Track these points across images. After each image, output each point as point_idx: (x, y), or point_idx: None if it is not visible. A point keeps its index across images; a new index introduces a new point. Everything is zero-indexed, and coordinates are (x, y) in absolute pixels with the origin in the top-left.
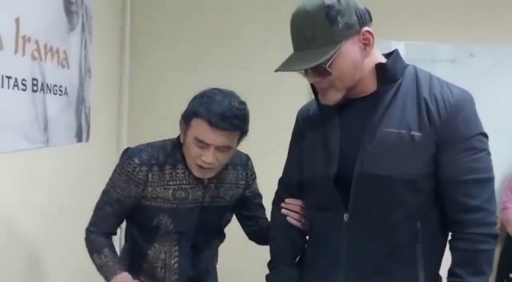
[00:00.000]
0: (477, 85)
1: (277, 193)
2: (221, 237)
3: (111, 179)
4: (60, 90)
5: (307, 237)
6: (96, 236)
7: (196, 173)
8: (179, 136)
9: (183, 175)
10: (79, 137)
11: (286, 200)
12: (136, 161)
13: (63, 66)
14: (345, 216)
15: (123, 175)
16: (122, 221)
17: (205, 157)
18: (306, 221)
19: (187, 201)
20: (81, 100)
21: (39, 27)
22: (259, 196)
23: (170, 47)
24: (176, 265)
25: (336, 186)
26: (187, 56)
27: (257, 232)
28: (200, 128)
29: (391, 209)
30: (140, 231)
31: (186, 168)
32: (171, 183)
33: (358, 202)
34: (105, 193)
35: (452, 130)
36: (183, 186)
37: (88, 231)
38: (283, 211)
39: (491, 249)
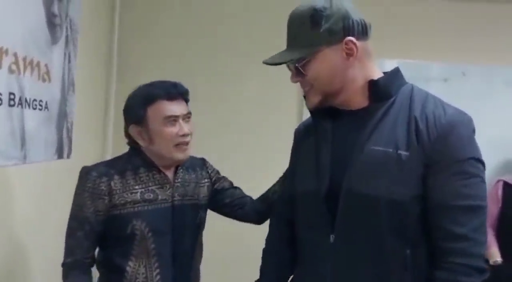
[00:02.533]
0: (469, 105)
1: (275, 208)
2: (200, 240)
3: (74, 203)
4: (40, 105)
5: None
6: (74, 275)
7: (179, 155)
8: (130, 148)
9: (147, 178)
10: (59, 154)
11: None
12: (94, 173)
13: (44, 80)
14: (331, 237)
15: (86, 192)
16: (97, 244)
17: (180, 130)
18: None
19: (157, 201)
20: (63, 115)
21: (18, 40)
22: (230, 182)
23: (158, 62)
24: (158, 277)
25: (326, 203)
26: (175, 72)
27: (249, 210)
28: (162, 107)
29: (376, 231)
30: (115, 247)
31: (149, 170)
32: (136, 187)
33: (344, 222)
34: (71, 219)
35: (442, 152)
36: (150, 188)
37: (65, 266)
38: None
39: None
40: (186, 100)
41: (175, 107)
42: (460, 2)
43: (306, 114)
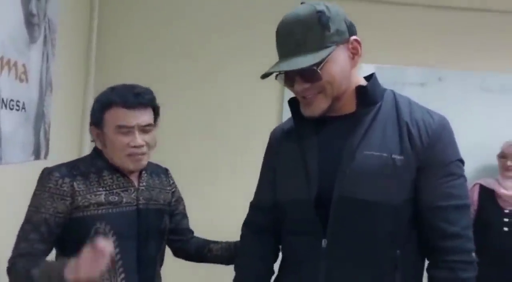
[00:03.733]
0: (445, 109)
1: (248, 217)
2: (164, 245)
3: (30, 205)
4: (17, 105)
5: (281, 263)
6: (23, 261)
7: (130, 165)
8: (94, 149)
9: (111, 180)
10: (36, 155)
11: None
12: (57, 174)
13: (21, 80)
14: (324, 242)
15: (45, 193)
16: (51, 249)
17: (132, 141)
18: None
19: (122, 204)
20: (40, 116)
21: None
22: (184, 207)
23: (137, 63)
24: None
25: (316, 210)
26: (153, 72)
27: (183, 247)
28: (117, 115)
29: (370, 235)
30: (76, 250)
31: (113, 173)
32: (100, 189)
33: (337, 227)
34: (26, 221)
35: (433, 156)
36: (115, 191)
37: (12, 263)
38: None
39: (471, 277)
40: (154, 108)
41: (131, 117)
42: (436, 8)
43: (286, 116)
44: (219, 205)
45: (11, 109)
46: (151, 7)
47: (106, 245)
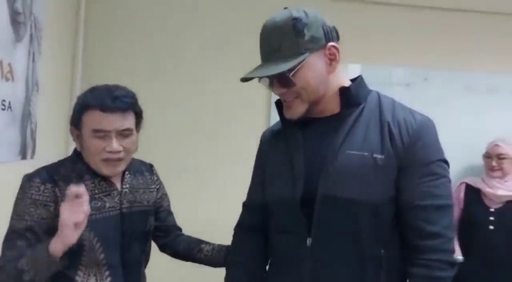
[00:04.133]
0: (430, 109)
1: (241, 217)
2: (148, 245)
3: (13, 213)
4: (3, 105)
5: (270, 262)
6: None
7: (105, 170)
8: (74, 151)
9: (93, 185)
10: (23, 155)
11: None
12: (38, 180)
13: (7, 79)
14: (308, 241)
15: (27, 199)
16: None
17: (108, 146)
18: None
19: (105, 209)
20: (27, 116)
21: None
22: (168, 203)
23: (124, 62)
24: None
25: (301, 208)
26: (140, 71)
27: (169, 244)
28: (93, 118)
29: (354, 233)
30: (61, 260)
31: (94, 177)
32: None
33: (321, 225)
34: (11, 231)
35: (413, 155)
36: (97, 196)
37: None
38: None
39: (448, 277)
40: (136, 112)
41: (107, 122)
42: (422, 9)
43: (274, 118)
44: (208, 205)
45: None
46: (138, 5)
47: (79, 188)
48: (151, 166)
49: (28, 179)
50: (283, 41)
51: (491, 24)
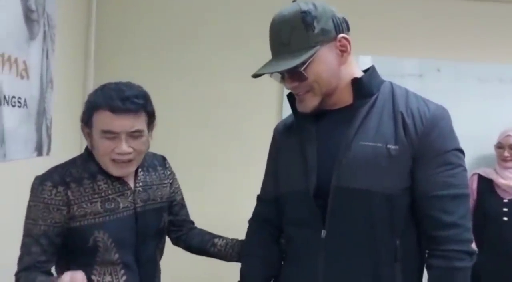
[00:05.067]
0: (443, 100)
1: (255, 210)
2: (163, 241)
3: (27, 217)
4: (19, 102)
5: (285, 254)
6: (29, 273)
7: (114, 170)
8: (86, 149)
9: (105, 186)
10: (39, 151)
11: None
12: (49, 183)
13: (22, 77)
14: (323, 232)
15: (40, 204)
16: (54, 259)
17: (117, 148)
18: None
19: (119, 210)
20: (42, 112)
21: None
22: (182, 197)
23: (136, 58)
24: None
25: (315, 201)
26: (153, 67)
27: (183, 238)
28: (103, 119)
29: (368, 225)
30: (76, 258)
31: (107, 177)
32: (95, 196)
33: (335, 217)
34: (26, 235)
35: (428, 145)
36: (110, 197)
37: (18, 278)
38: None
39: (467, 267)
40: (147, 112)
41: (117, 123)
42: None
43: (286, 112)
44: (222, 199)
45: (13, 106)
46: (150, 2)
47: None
48: (163, 158)
49: (40, 182)
50: (293, 35)
51: (505, 14)
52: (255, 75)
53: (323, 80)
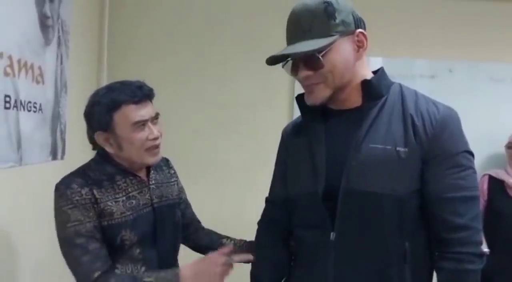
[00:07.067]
0: (456, 100)
1: (264, 212)
2: (179, 237)
3: (67, 222)
4: (35, 107)
5: (294, 256)
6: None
7: (150, 159)
8: (97, 154)
9: (125, 184)
10: (54, 155)
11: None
12: (75, 185)
13: (38, 82)
14: (332, 235)
15: (76, 206)
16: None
17: (151, 134)
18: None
19: (140, 207)
20: (56, 117)
21: (13, 42)
22: (185, 194)
23: (149, 62)
24: None
25: (324, 203)
26: (165, 71)
27: (191, 238)
28: (129, 113)
29: (378, 227)
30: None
31: (125, 176)
32: (117, 195)
33: (344, 220)
34: (76, 237)
35: (438, 147)
36: (131, 194)
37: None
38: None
39: (478, 269)
40: (151, 97)
41: (143, 111)
42: None
43: (297, 113)
44: (232, 200)
45: (29, 111)
46: (161, 5)
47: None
48: (167, 160)
49: (66, 186)
50: (314, 23)
51: None
52: (270, 62)
53: (337, 71)
